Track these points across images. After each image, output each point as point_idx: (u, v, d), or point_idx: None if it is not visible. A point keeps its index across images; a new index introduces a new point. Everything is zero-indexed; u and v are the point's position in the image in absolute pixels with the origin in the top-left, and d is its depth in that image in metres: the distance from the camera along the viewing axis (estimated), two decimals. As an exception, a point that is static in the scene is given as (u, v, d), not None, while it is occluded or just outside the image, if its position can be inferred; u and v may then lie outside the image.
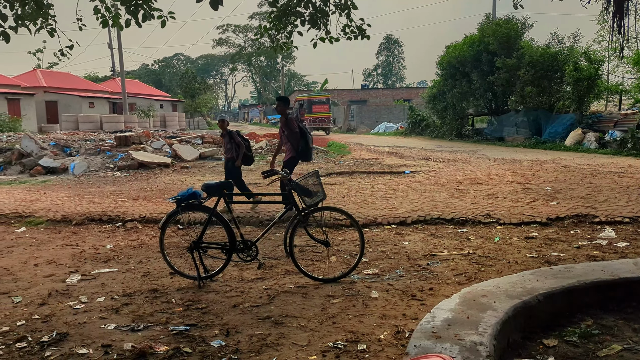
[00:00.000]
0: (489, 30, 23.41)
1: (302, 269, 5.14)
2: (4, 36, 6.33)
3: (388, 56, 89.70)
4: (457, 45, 25.17)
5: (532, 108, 21.77)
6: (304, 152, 7.99)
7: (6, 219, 8.72)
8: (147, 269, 5.79)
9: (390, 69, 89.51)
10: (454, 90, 25.00)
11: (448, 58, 25.14)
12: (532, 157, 15.88)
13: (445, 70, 25.49)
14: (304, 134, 7.96)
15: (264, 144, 21.28)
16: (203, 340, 3.81)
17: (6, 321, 4.30)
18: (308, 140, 7.96)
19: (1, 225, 8.43)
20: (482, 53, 23.50)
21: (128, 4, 6.68)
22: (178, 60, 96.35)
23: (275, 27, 8.10)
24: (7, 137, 21.50)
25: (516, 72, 21.70)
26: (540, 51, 21.48)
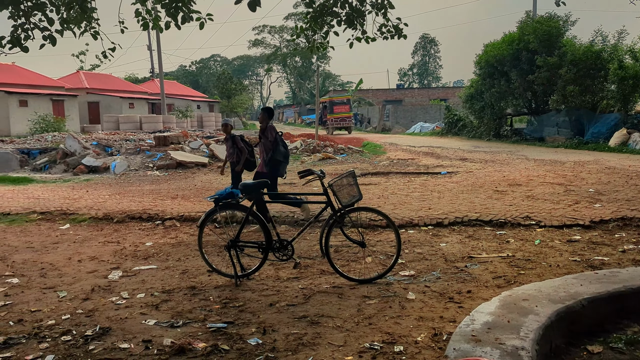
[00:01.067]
0: (529, 28, 22.88)
1: (337, 269, 5.14)
2: (50, 39, 6.53)
3: (424, 55, 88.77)
4: (496, 43, 24.69)
5: (574, 107, 21.16)
6: (271, 163, 7.50)
7: (51, 216, 9.02)
8: (185, 267, 5.89)
9: (426, 68, 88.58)
10: (492, 89, 24.54)
11: (486, 57, 24.70)
12: (574, 158, 15.44)
13: (484, 69, 25.04)
14: (275, 145, 7.49)
15: (298, 144, 21.37)
16: (240, 338, 3.85)
17: (52, 315, 4.45)
18: (277, 152, 7.48)
19: (47, 222, 8.73)
20: (521, 51, 22.99)
21: (168, 6, 6.80)
22: (215, 61, 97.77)
23: (312, 28, 8.11)
24: (52, 137, 22.26)
25: (557, 71, 21.14)
26: (583, 49, 20.86)
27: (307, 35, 8.47)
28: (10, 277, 5.64)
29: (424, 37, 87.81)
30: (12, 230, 8.14)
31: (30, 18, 6.29)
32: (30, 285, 5.34)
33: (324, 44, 8.66)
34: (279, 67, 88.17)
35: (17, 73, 37.07)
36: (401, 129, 40.75)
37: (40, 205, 9.88)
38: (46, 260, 6.32)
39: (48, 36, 6.51)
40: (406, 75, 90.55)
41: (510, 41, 23.71)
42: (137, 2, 7.37)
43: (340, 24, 7.81)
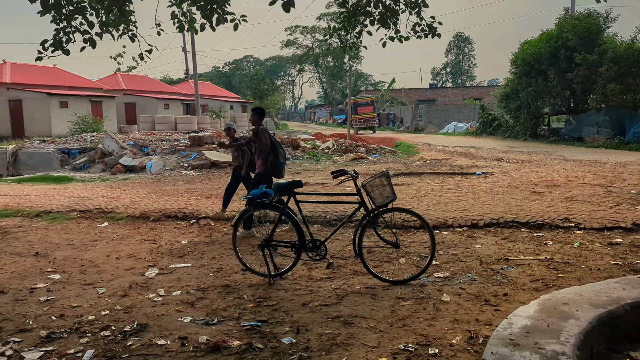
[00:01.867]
0: (568, 26, 22.28)
1: (371, 270, 5.11)
2: (90, 42, 6.70)
3: (458, 54, 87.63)
4: (533, 41, 24.14)
5: (614, 106, 20.49)
6: (273, 167, 7.32)
7: (91, 214, 9.27)
8: (219, 265, 5.96)
9: (460, 67, 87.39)
10: (528, 88, 24.01)
11: (523, 55, 24.17)
12: (614, 159, 14.96)
13: (520, 68, 24.51)
14: (274, 148, 7.32)
15: (330, 144, 21.37)
16: (274, 336, 3.88)
17: (92, 310, 4.57)
18: (279, 155, 7.33)
19: (86, 220, 8.97)
20: (560, 49, 22.40)
21: (203, 8, 6.90)
22: (247, 62, 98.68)
23: (345, 28, 8.10)
24: (91, 137, 22.87)
25: (597, 69, 20.52)
26: (624, 46, 20.19)
27: (340, 35, 8.46)
28: (52, 273, 5.82)
29: (458, 35, 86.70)
30: (53, 228, 8.40)
31: (72, 21, 6.46)
32: (71, 281, 5.50)
33: (356, 43, 8.63)
34: (311, 67, 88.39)
35: (58, 75, 38.24)
36: (434, 129, 40.30)
37: (79, 203, 10.17)
38: (86, 257, 6.50)
39: (88, 39, 6.68)
40: (439, 75, 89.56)
41: (548, 39, 23.14)
42: (173, 5, 7.49)
43: (373, 23, 7.77)
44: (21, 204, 10.39)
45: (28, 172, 17.27)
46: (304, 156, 18.73)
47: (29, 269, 6.01)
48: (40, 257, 6.55)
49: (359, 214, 5.36)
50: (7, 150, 18.68)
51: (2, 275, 5.78)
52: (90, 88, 38.64)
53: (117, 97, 39.80)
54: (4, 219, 9.20)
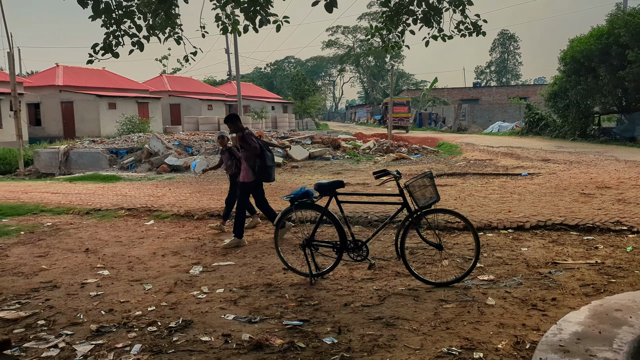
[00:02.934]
0: (620, 22, 21.41)
1: (413, 272, 5.06)
2: (138, 45, 6.89)
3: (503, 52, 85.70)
4: (583, 38, 23.32)
5: (670, 105, 19.58)
6: (262, 172, 6.99)
7: (137, 212, 9.54)
8: (261, 264, 6.03)
9: (504, 65, 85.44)
10: (578, 86, 23.21)
11: (572, 52, 23.39)
12: (670, 159, 14.28)
13: (569, 66, 23.73)
14: (262, 151, 6.97)
15: (371, 144, 21.28)
16: (316, 336, 3.88)
17: (139, 306, 4.70)
18: (266, 158, 6.98)
19: (133, 218, 9.24)
20: (611, 46, 21.55)
21: (247, 10, 6.99)
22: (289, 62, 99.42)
23: (387, 27, 8.04)
24: (138, 138, 23.54)
25: (652, 66, 19.64)
26: (681, 42, 19.26)
27: (382, 35, 8.40)
28: (101, 269, 6.02)
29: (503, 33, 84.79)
30: (102, 225, 8.69)
31: (121, 25, 6.66)
32: (119, 277, 5.67)
33: (399, 43, 8.55)
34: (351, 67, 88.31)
35: (107, 77, 39.55)
36: (478, 129, 39.52)
37: (127, 202, 10.48)
38: (133, 254, 6.69)
39: (136, 42, 6.87)
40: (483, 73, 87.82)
41: (599, 35, 22.30)
42: (217, 7, 7.62)
43: (416, 22, 7.67)
44: (72, 201, 10.80)
45: (79, 171, 17.93)
46: (344, 156, 18.72)
47: (80, 265, 6.24)
48: (90, 254, 6.78)
49: (402, 215, 5.30)
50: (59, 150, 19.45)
51: (55, 270, 6.02)
52: (137, 90, 39.78)
53: (162, 99, 40.83)
54: (56, 216, 9.58)
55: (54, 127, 33.87)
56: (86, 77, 37.15)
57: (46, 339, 4.02)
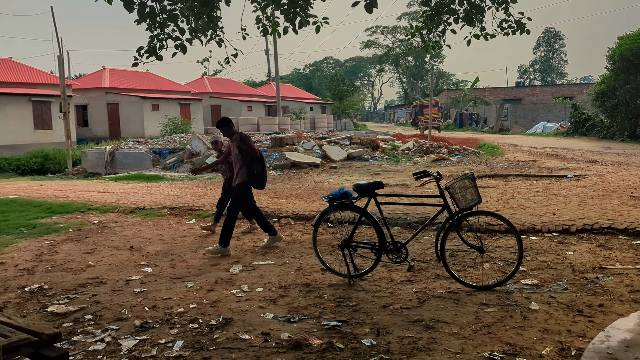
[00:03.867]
0: (673, 16, 20.51)
1: (453, 274, 4.98)
2: (181, 48, 7.05)
3: (547, 51, 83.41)
4: (633, 35, 22.44)
5: None
6: (259, 178, 6.79)
7: (179, 211, 9.75)
8: (300, 264, 6.06)
9: (549, 64, 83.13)
10: (627, 85, 22.36)
11: (621, 50, 22.55)
12: None
13: (617, 64, 22.89)
14: (261, 157, 6.83)
15: (411, 144, 21.08)
16: (354, 337, 3.88)
17: (181, 303, 4.80)
18: (264, 165, 6.85)
19: (175, 217, 9.44)
20: (663, 43, 20.68)
21: (287, 12, 7.04)
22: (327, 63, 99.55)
23: (427, 27, 7.95)
24: (180, 138, 24.07)
25: None
26: None
27: (422, 35, 8.31)
28: (145, 266, 6.18)
29: (547, 31, 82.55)
30: (146, 223, 8.92)
31: (165, 29, 6.83)
32: (162, 275, 5.81)
33: (439, 42, 8.45)
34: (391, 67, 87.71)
35: (150, 80, 40.60)
36: (520, 129, 38.59)
37: (169, 201, 10.72)
38: (175, 252, 6.84)
39: (179, 45, 7.02)
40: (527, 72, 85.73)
41: (650, 32, 21.44)
42: (257, 10, 7.71)
43: (457, 21, 7.56)
44: (118, 200, 11.13)
45: (123, 171, 18.47)
46: (383, 157, 18.61)
47: (125, 262, 6.43)
48: (134, 251, 6.98)
49: (442, 217, 5.23)
50: (105, 151, 20.10)
51: (102, 267, 6.22)
52: (180, 91, 40.67)
53: (203, 100, 41.62)
54: (103, 214, 9.90)
55: (100, 128, 35.02)
56: (131, 79, 38.24)
57: (93, 333, 4.15)
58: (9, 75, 29.49)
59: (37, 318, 4.53)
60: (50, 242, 7.65)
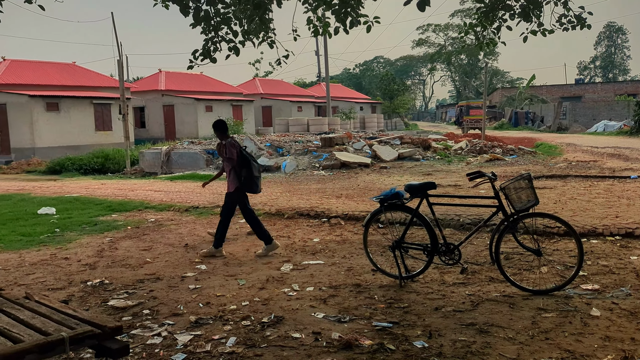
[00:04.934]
0: None
1: (509, 278, 4.84)
2: (235, 50, 7.18)
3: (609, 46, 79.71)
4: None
5: None
6: (248, 181, 6.75)
7: (232, 210, 9.93)
8: (350, 264, 6.05)
9: (611, 60, 79.42)
10: (697, 80, 21.04)
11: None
12: None
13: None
14: (247, 162, 6.75)
15: (463, 144, 20.64)
16: (406, 339, 3.84)
17: (234, 300, 4.90)
18: (253, 168, 6.75)
19: (228, 215, 9.63)
20: None
21: (338, 12, 7.05)
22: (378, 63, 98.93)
23: (481, 24, 7.76)
24: (232, 139, 24.54)
25: None
26: None
27: (476, 32, 8.13)
28: (199, 263, 6.35)
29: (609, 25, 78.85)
30: (200, 222, 9.15)
31: (219, 32, 6.98)
32: (215, 272, 5.94)
33: (494, 39, 8.23)
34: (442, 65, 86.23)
35: (204, 82, 41.62)
36: (580, 128, 37.06)
37: (222, 200, 10.91)
38: (228, 251, 6.97)
39: (232, 47, 7.15)
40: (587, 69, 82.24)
41: None
42: (308, 11, 7.76)
43: (513, 17, 7.34)
44: (173, 199, 11.47)
45: (178, 171, 19.01)
46: (435, 157, 18.32)
47: (180, 259, 6.62)
48: (189, 249, 7.17)
49: (496, 219, 5.10)
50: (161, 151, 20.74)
51: (158, 264, 6.43)
52: (232, 93, 41.49)
53: (255, 101, 42.28)
54: (159, 212, 10.23)
55: (156, 129, 36.20)
56: (186, 81, 39.33)
57: (150, 328, 4.30)
58: (73, 79, 30.98)
59: (98, 311, 4.74)
60: (110, 238, 7.97)
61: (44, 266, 6.43)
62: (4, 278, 5.94)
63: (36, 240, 7.95)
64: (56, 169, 20.70)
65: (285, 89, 51.31)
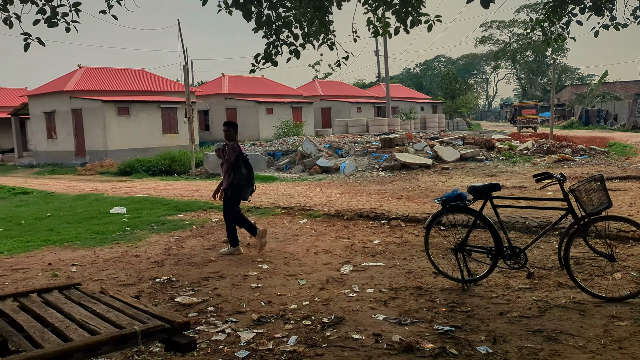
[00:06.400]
0: None
1: (579, 283, 4.63)
2: (295, 53, 7.28)
3: (690, 38, 74.40)
4: None
5: None
6: (236, 187, 7.03)
7: (292, 211, 10.07)
8: (411, 266, 5.99)
9: (693, 53, 74.10)
10: None
11: None
12: None
13: None
14: (237, 166, 6.97)
15: (529, 144, 19.91)
16: (469, 344, 3.76)
17: (294, 300, 4.97)
18: (237, 175, 6.97)
19: (288, 216, 9.78)
20: None
21: (398, 12, 6.99)
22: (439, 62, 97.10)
23: (549, 19, 7.48)
24: (292, 140, 24.86)
25: None
26: None
27: (544, 27, 7.84)
28: (261, 263, 6.48)
29: (690, 16, 73.57)
30: (261, 222, 9.33)
31: (280, 35, 7.10)
32: (276, 272, 6.05)
33: (563, 35, 7.91)
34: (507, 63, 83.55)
35: (265, 85, 42.40)
36: (658, 126, 34.82)
37: (282, 201, 11.12)
38: (288, 251, 7.08)
39: (293, 50, 7.25)
40: (665, 63, 77.15)
41: None
42: (368, 12, 7.74)
43: (584, 11, 7.03)
44: (236, 200, 11.75)
45: (241, 172, 19.47)
46: (499, 157, 17.79)
47: (243, 258, 6.78)
48: (251, 248, 7.33)
49: (565, 222, 4.89)
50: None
51: (222, 262, 6.62)
52: (292, 95, 42.02)
53: (314, 103, 42.60)
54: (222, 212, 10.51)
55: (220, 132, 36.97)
56: (247, 85, 40.23)
57: (215, 324, 4.44)
58: (142, 84, 32.43)
59: (166, 307, 4.94)
60: (177, 237, 8.28)
61: (116, 263, 6.78)
62: (81, 273, 6.31)
63: (109, 238, 8.39)
64: (126, 171, 21.73)
65: (344, 90, 51.39)
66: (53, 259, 7.14)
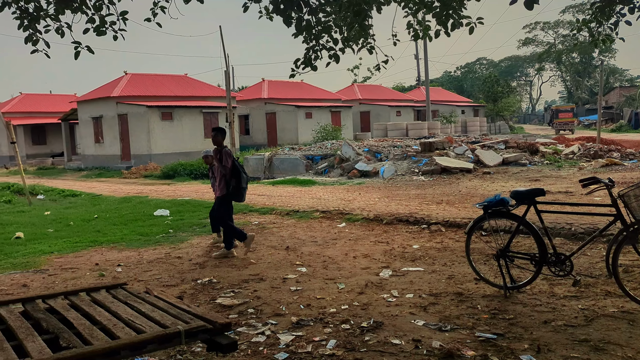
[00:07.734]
0: None
1: (628, 292, 4.46)
2: (335, 58, 7.31)
3: None
4: None
5: None
6: (236, 191, 7.28)
7: (331, 214, 10.10)
8: (451, 272, 5.90)
9: None
10: None
11: None
12: None
13: None
14: (237, 173, 7.21)
15: (575, 148, 19.30)
16: (512, 352, 3.68)
17: (333, 304, 4.98)
18: (242, 180, 7.21)
19: (327, 220, 9.80)
20: None
21: (439, 15, 6.92)
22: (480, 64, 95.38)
23: (597, 19, 7.26)
24: (331, 144, 24.90)
25: None
26: None
27: (591, 28, 7.62)
28: (300, 266, 6.52)
29: None
30: (300, 225, 9.40)
31: (319, 40, 7.15)
32: (315, 275, 6.07)
33: (611, 35, 7.65)
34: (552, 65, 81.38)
35: (304, 89, 42.67)
36: None
37: (321, 204, 11.16)
38: (327, 254, 7.10)
39: (333, 55, 7.28)
40: None
41: None
42: (408, 15, 7.70)
43: (633, 11, 6.79)
44: (275, 203, 11.88)
45: (280, 176, 19.65)
46: (543, 162, 17.32)
47: (282, 261, 6.84)
48: (290, 251, 7.39)
49: (614, 228, 4.72)
50: (264, 157, 21.58)
51: (261, 265, 6.70)
52: (331, 99, 42.14)
53: (353, 107, 42.57)
54: (262, 215, 10.65)
55: (259, 136, 37.68)
56: (286, 89, 40.58)
57: (255, 326, 4.50)
58: (184, 90, 33.21)
59: (208, 308, 5.03)
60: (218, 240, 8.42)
61: (160, 264, 6.95)
62: (126, 273, 6.51)
63: (152, 239, 8.62)
64: (169, 174, 22.27)
65: (383, 94, 51.16)
66: (100, 259, 7.39)
